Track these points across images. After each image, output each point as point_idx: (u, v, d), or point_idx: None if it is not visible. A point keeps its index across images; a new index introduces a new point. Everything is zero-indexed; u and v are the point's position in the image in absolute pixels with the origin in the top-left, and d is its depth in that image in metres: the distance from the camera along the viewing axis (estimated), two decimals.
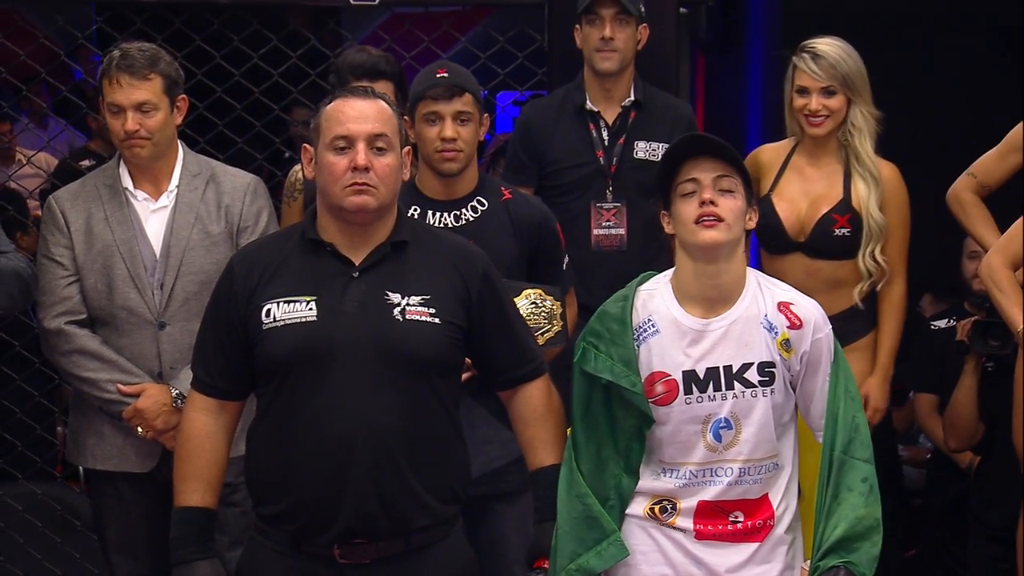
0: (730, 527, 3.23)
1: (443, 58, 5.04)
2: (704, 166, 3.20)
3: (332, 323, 3.16)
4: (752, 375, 3.20)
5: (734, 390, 3.20)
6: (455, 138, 3.88)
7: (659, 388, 3.22)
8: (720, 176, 3.19)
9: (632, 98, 4.70)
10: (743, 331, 3.22)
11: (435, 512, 3.22)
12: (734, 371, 3.20)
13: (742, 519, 3.23)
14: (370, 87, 3.35)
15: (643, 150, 4.69)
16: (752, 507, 3.23)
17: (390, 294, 3.20)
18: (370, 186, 3.17)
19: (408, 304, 3.19)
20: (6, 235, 4.00)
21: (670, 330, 3.23)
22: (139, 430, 3.88)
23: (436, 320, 3.20)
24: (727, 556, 3.23)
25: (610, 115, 4.70)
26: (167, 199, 3.95)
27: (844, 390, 3.25)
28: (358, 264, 3.22)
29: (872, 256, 4.34)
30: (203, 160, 4.06)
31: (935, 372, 5.33)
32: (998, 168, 4.36)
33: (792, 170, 4.44)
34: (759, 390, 3.20)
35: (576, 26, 4.68)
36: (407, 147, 3.30)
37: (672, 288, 3.26)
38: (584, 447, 3.28)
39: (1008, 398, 4.19)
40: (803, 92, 4.35)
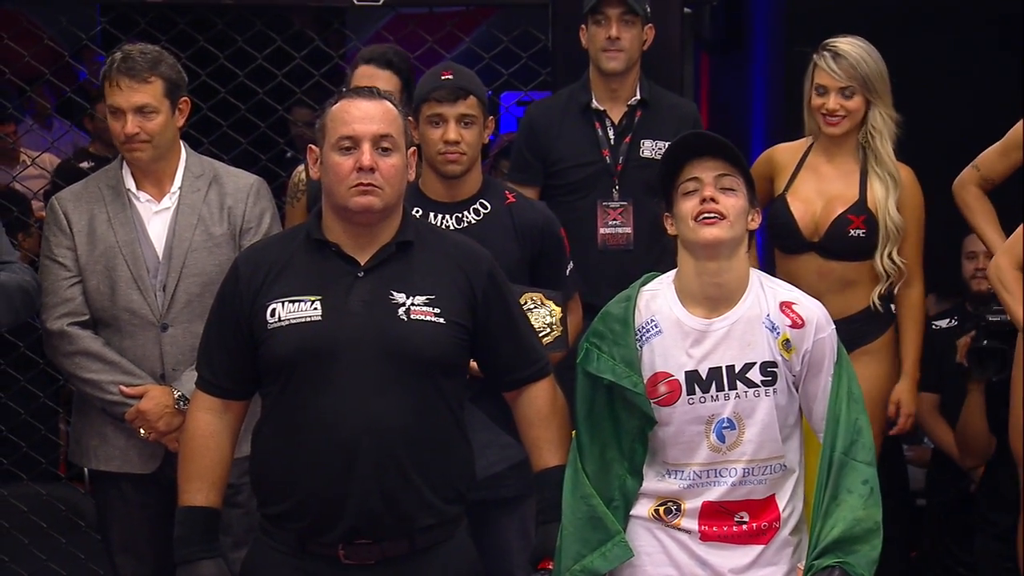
0: (735, 528, 3.22)
1: (447, 58, 5.04)
2: (706, 165, 3.20)
3: (337, 323, 3.16)
4: (755, 375, 3.20)
5: (736, 390, 3.20)
6: (458, 141, 3.88)
7: (662, 388, 3.21)
8: (722, 175, 3.19)
9: (638, 97, 4.70)
10: (745, 331, 3.21)
11: (439, 512, 3.21)
12: (736, 371, 3.20)
13: (747, 520, 3.22)
14: (376, 88, 3.34)
15: (649, 149, 4.68)
16: (758, 508, 3.23)
17: (395, 294, 3.19)
18: (375, 187, 3.17)
19: (413, 304, 3.19)
20: (8, 237, 3.99)
21: (673, 330, 3.22)
22: (141, 432, 3.87)
23: (441, 320, 3.19)
24: (732, 558, 3.22)
25: (616, 114, 4.70)
26: (170, 200, 3.95)
27: (847, 391, 3.24)
28: (363, 264, 3.21)
29: (890, 257, 4.32)
30: (206, 161, 4.05)
31: (935, 371, 5.33)
32: (1000, 163, 4.36)
33: (808, 169, 4.41)
34: (762, 390, 3.20)
35: (582, 26, 4.68)
36: (412, 148, 3.30)
37: (675, 289, 3.26)
38: (588, 448, 3.28)
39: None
40: (822, 91, 4.32)
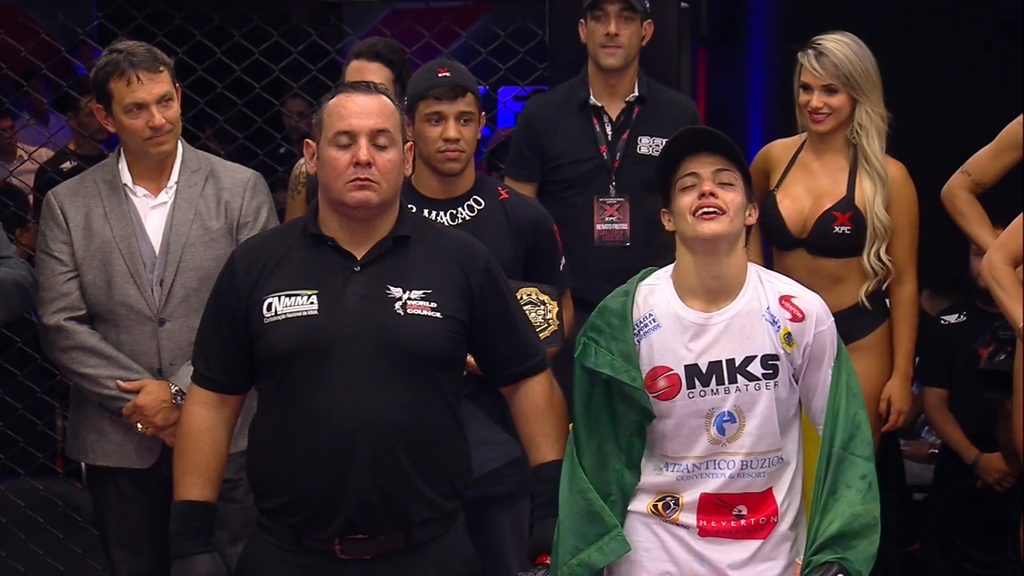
0: (733, 523, 3.22)
1: (444, 53, 5.04)
2: (704, 161, 3.20)
3: (333, 317, 3.16)
4: (755, 368, 3.20)
5: (737, 383, 3.19)
6: (458, 138, 3.87)
7: (661, 383, 3.21)
8: (720, 170, 3.19)
9: (636, 93, 4.70)
10: (745, 324, 3.21)
11: (436, 506, 3.21)
12: (736, 364, 3.20)
13: (745, 513, 3.22)
14: (373, 83, 3.34)
15: (646, 145, 4.69)
16: (756, 501, 3.22)
17: (392, 288, 3.19)
18: (372, 181, 3.16)
19: (409, 298, 3.19)
20: (6, 232, 3.99)
21: (671, 325, 3.22)
22: (139, 426, 3.87)
23: (437, 314, 3.19)
24: (730, 553, 3.22)
25: (614, 110, 4.70)
26: (166, 195, 3.94)
27: (846, 386, 3.24)
28: (360, 258, 3.21)
29: (877, 256, 4.32)
30: (202, 156, 4.04)
31: (944, 366, 5.33)
32: (992, 165, 4.34)
33: (799, 166, 4.42)
34: (762, 383, 3.20)
35: (580, 21, 4.68)
36: (409, 143, 3.30)
37: (673, 283, 3.26)
38: (586, 443, 3.27)
39: None
40: (807, 88, 4.34)
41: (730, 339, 3.20)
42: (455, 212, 3.94)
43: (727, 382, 3.20)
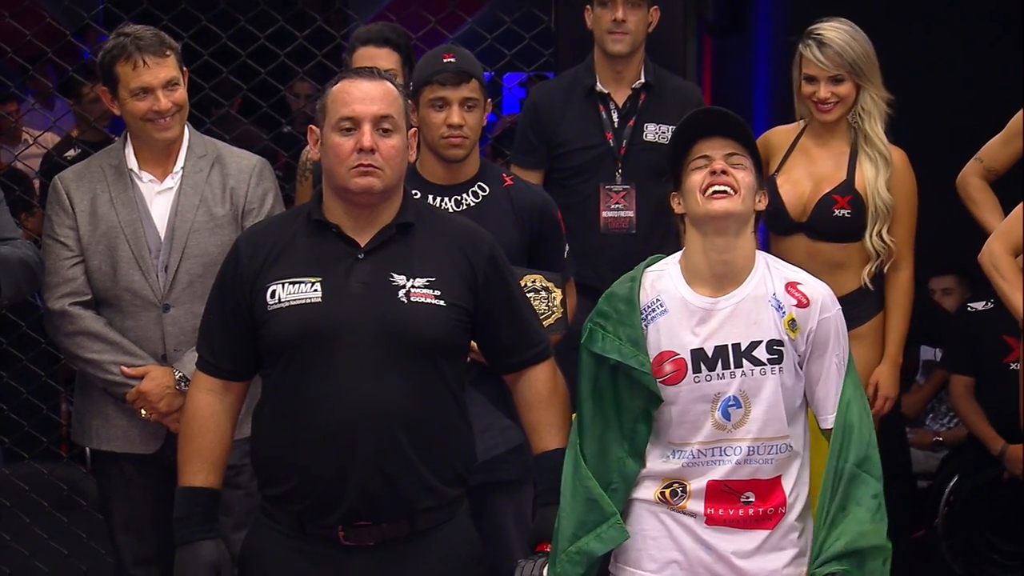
0: (741, 512, 3.21)
1: (450, 39, 5.03)
2: (715, 144, 3.20)
3: (337, 304, 3.15)
4: (761, 353, 3.19)
5: (743, 368, 3.19)
6: (462, 124, 3.86)
7: (668, 368, 3.21)
8: (731, 153, 3.19)
9: (642, 80, 4.69)
10: (751, 309, 3.21)
11: (440, 493, 3.21)
12: (742, 349, 3.19)
13: (754, 500, 3.21)
14: (376, 68, 3.33)
15: (653, 132, 4.68)
16: (764, 489, 3.22)
17: (395, 276, 3.18)
18: (376, 167, 3.16)
19: (413, 286, 3.18)
20: (12, 217, 3.99)
21: (678, 309, 3.22)
22: (142, 412, 3.87)
23: (441, 302, 3.19)
24: (738, 542, 3.21)
25: (620, 97, 4.69)
26: (172, 180, 3.94)
27: (859, 401, 3.24)
28: (364, 245, 3.20)
29: (879, 236, 4.32)
30: (209, 141, 4.04)
31: (970, 354, 5.32)
32: (1003, 153, 4.36)
33: (799, 152, 4.42)
34: (768, 368, 3.19)
35: (587, 7, 4.67)
36: (413, 128, 3.29)
37: (681, 268, 3.26)
38: (589, 429, 3.27)
39: None
40: (811, 80, 4.32)
41: (736, 324, 3.20)
42: (459, 198, 3.94)
43: (733, 366, 3.19)
